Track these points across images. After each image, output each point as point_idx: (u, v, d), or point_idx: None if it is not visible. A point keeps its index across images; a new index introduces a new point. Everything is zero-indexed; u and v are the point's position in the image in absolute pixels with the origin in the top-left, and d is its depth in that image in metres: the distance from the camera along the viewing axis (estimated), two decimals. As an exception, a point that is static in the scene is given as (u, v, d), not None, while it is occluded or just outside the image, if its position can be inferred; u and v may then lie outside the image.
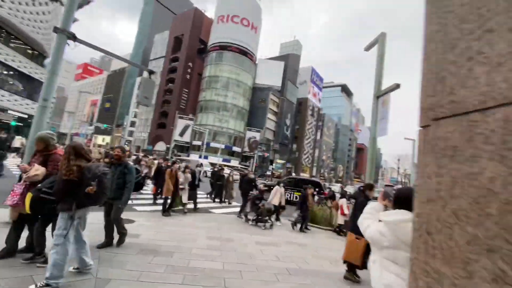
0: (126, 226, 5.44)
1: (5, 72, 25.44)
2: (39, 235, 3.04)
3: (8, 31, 24.67)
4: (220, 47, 53.21)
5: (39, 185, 2.59)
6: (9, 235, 3.12)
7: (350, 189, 38.99)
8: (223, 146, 46.90)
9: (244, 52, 54.00)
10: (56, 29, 5.12)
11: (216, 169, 11.79)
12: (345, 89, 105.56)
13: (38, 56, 30.08)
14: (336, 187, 27.95)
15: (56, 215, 2.59)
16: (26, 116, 28.41)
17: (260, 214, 7.28)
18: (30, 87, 28.71)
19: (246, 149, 52.35)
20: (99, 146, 61.83)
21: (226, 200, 10.77)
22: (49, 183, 2.62)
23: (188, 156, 48.77)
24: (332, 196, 10.29)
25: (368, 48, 14.03)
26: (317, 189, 12.70)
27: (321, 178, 73.17)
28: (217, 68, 52.94)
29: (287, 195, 12.91)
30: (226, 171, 12.16)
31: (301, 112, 69.16)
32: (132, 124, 66.65)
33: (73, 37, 5.30)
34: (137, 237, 4.82)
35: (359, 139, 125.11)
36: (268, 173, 48.04)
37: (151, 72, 6.72)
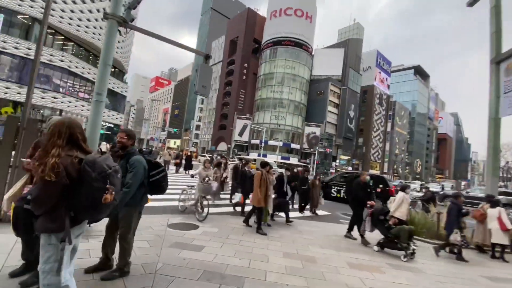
0: (188, 233, 4.79)
1: (96, 89, 29.92)
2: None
3: (94, 54, 28.93)
4: (274, 43, 52.16)
5: (25, 192, 1.78)
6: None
7: (434, 187, 32.65)
8: (281, 144, 45.70)
9: (299, 44, 51.58)
10: (106, 15, 4.65)
11: (295, 170, 9.91)
12: (419, 71, 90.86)
13: (119, 73, 34.65)
14: (415, 185, 23.50)
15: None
16: (112, 125, 33.02)
17: (396, 236, 4.93)
18: (114, 100, 33.25)
19: (305, 145, 49.90)
20: (169, 148, 68.61)
21: (312, 209, 8.48)
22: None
23: (247, 155, 49.45)
24: (432, 199, 7.77)
25: (472, 2, 10.49)
26: (380, 186, 10.23)
27: (395, 175, 64.51)
28: (272, 65, 52.05)
29: (334, 190, 11.00)
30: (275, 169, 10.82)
31: (367, 101, 62.33)
32: (197, 127, 71.98)
33: (124, 22, 4.77)
34: (199, 251, 3.89)
35: (440, 129, 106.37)
36: (332, 170, 44.61)
37: (207, 57, 5.85)
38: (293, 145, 49.06)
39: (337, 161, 49.70)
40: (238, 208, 7.24)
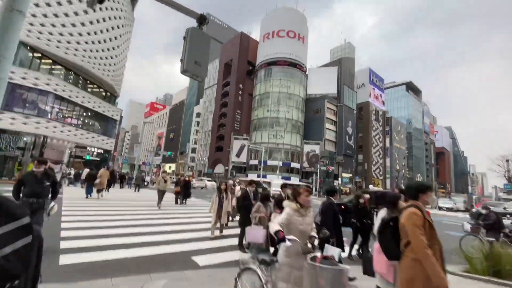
0: None
1: (84, 114, 28.56)
2: None
3: (84, 77, 27.93)
4: (268, 64, 52.52)
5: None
6: None
7: (446, 203, 30.66)
8: (280, 163, 43.99)
9: (293, 64, 51.98)
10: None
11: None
12: (410, 87, 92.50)
13: (110, 96, 33.56)
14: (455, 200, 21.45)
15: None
16: (102, 151, 31.20)
17: None
18: (104, 124, 31.76)
19: (306, 164, 48.23)
20: (164, 172, 65.98)
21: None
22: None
23: (246, 176, 47.40)
24: (498, 223, 6.03)
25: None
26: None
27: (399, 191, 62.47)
28: (267, 84, 51.97)
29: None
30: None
31: (363, 118, 61.99)
32: (193, 150, 70.22)
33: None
34: None
35: (436, 143, 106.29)
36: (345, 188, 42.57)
37: (202, 19, 3.69)
38: (293, 164, 47.34)
39: (339, 179, 47.80)
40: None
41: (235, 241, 5.76)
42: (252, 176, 45.61)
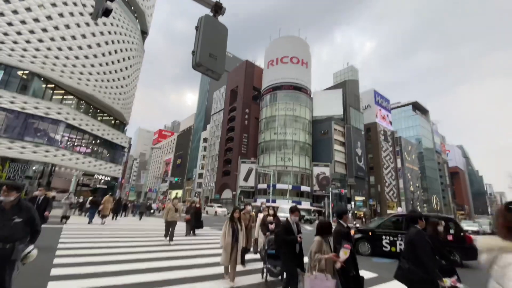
0: None
1: (93, 142, 28.76)
2: None
3: (95, 106, 28.56)
4: (273, 89, 53.47)
5: None
6: None
7: (470, 226, 28.54)
8: (290, 187, 42.63)
9: (298, 88, 52.75)
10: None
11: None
12: (417, 107, 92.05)
13: (119, 124, 34.06)
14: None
15: None
16: (109, 178, 30.89)
17: None
18: (112, 151, 31.82)
19: (316, 187, 46.62)
20: (175, 198, 64.92)
21: None
22: None
23: (254, 201, 45.91)
24: None
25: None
26: (451, 231, 7.52)
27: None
28: (273, 108, 52.42)
29: (387, 241, 7.74)
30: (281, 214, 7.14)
31: (371, 138, 61.04)
32: (200, 175, 69.50)
33: None
34: None
35: (449, 162, 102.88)
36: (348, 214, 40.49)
37: (218, 8, 3.21)
38: (303, 188, 45.79)
39: (352, 202, 45.68)
40: None
41: None
42: (261, 201, 44.13)
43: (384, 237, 7.80)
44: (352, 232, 7.86)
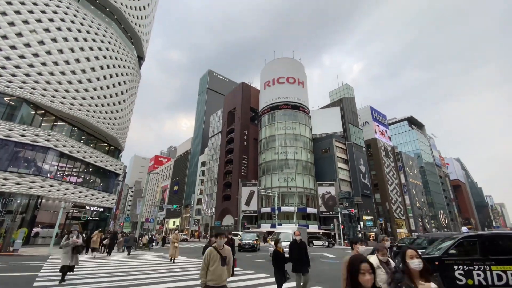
0: None
1: (85, 170, 26.78)
2: None
3: (88, 132, 27.01)
4: (271, 108, 53.03)
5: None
6: None
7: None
8: (296, 209, 40.27)
9: (296, 106, 52.41)
10: None
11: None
12: (413, 122, 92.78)
13: (114, 150, 32.31)
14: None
15: None
16: (102, 209, 28.47)
17: None
18: (106, 180, 29.72)
19: (322, 208, 44.30)
20: (175, 231, 61.54)
21: None
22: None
23: (258, 227, 43.11)
24: None
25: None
26: None
27: (425, 231, 56.42)
28: (272, 128, 51.53)
29: (460, 272, 5.85)
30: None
31: (373, 154, 60.00)
32: (199, 201, 66.40)
33: None
34: None
35: (450, 175, 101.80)
36: (359, 235, 37.96)
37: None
38: (309, 209, 43.37)
39: (361, 222, 43.18)
40: None
41: None
42: (265, 227, 41.38)
43: (455, 266, 6.03)
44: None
